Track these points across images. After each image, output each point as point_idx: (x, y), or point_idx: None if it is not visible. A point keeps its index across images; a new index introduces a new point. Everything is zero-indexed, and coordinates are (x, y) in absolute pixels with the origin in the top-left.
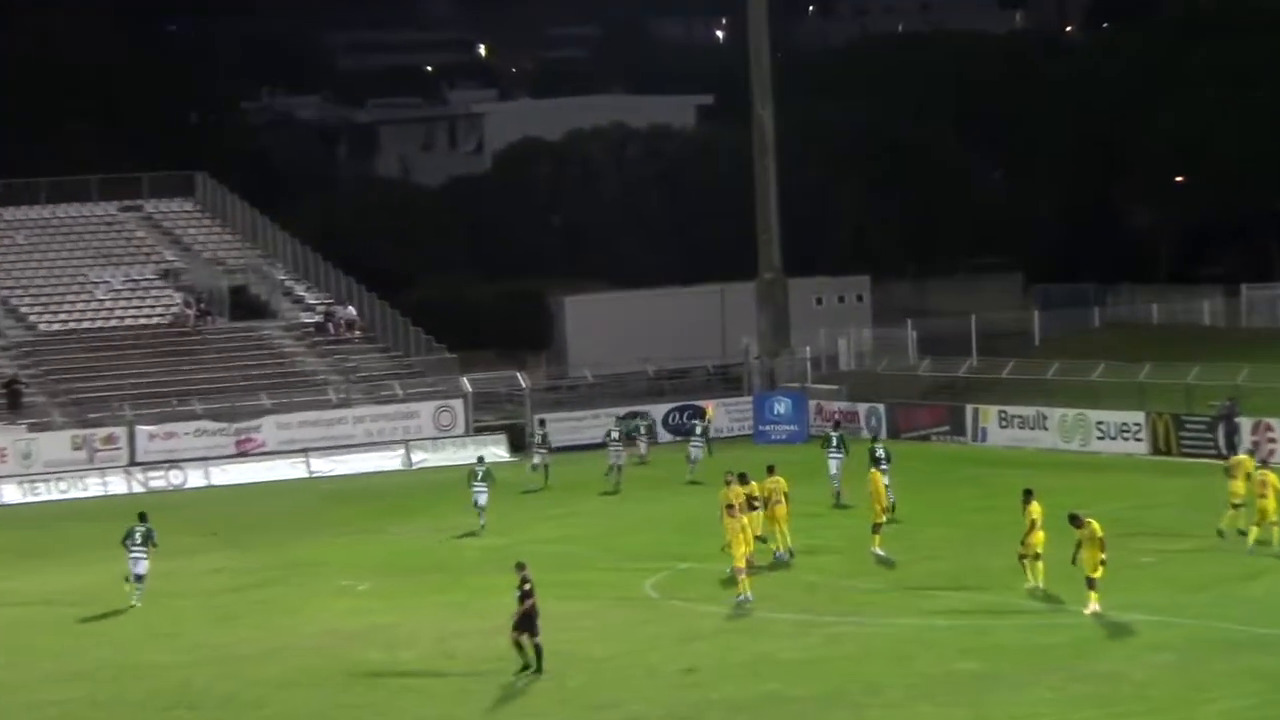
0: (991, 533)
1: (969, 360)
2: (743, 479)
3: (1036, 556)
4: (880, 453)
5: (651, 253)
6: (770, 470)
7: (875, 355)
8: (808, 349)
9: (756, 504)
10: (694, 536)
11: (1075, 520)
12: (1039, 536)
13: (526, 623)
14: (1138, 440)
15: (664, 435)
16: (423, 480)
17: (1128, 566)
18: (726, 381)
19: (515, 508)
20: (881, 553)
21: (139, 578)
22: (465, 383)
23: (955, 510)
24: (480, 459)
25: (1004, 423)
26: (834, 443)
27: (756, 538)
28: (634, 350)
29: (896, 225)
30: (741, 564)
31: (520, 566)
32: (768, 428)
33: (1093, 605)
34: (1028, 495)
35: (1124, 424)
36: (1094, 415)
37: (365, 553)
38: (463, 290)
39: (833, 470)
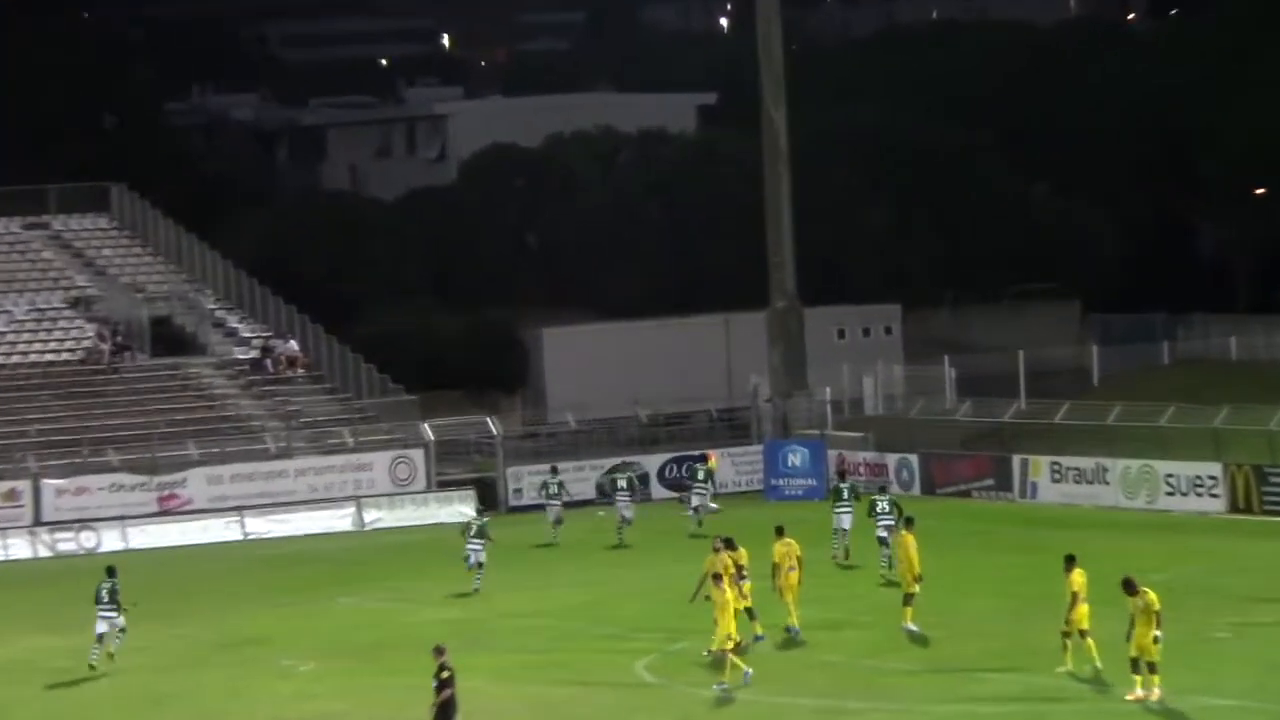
0: (1042, 604)
1: (1016, 403)
2: (730, 544)
3: (1082, 634)
4: (882, 506)
5: (644, 277)
6: (780, 532)
7: (907, 397)
8: (828, 390)
9: (745, 574)
10: (693, 608)
11: (1129, 587)
12: (1083, 610)
13: (443, 716)
14: (1213, 496)
15: (659, 491)
16: (377, 543)
17: (1200, 641)
18: (733, 428)
19: (488, 572)
20: (914, 628)
21: (106, 636)
22: (427, 429)
23: (1001, 579)
24: (479, 510)
25: (1057, 476)
26: (845, 495)
27: (746, 609)
28: (624, 391)
29: (931, 246)
30: (729, 645)
31: (439, 651)
32: (780, 481)
33: (1140, 691)
34: (1069, 562)
35: (1197, 477)
36: (1162, 467)
37: (310, 627)
38: (424, 321)
39: (845, 525)
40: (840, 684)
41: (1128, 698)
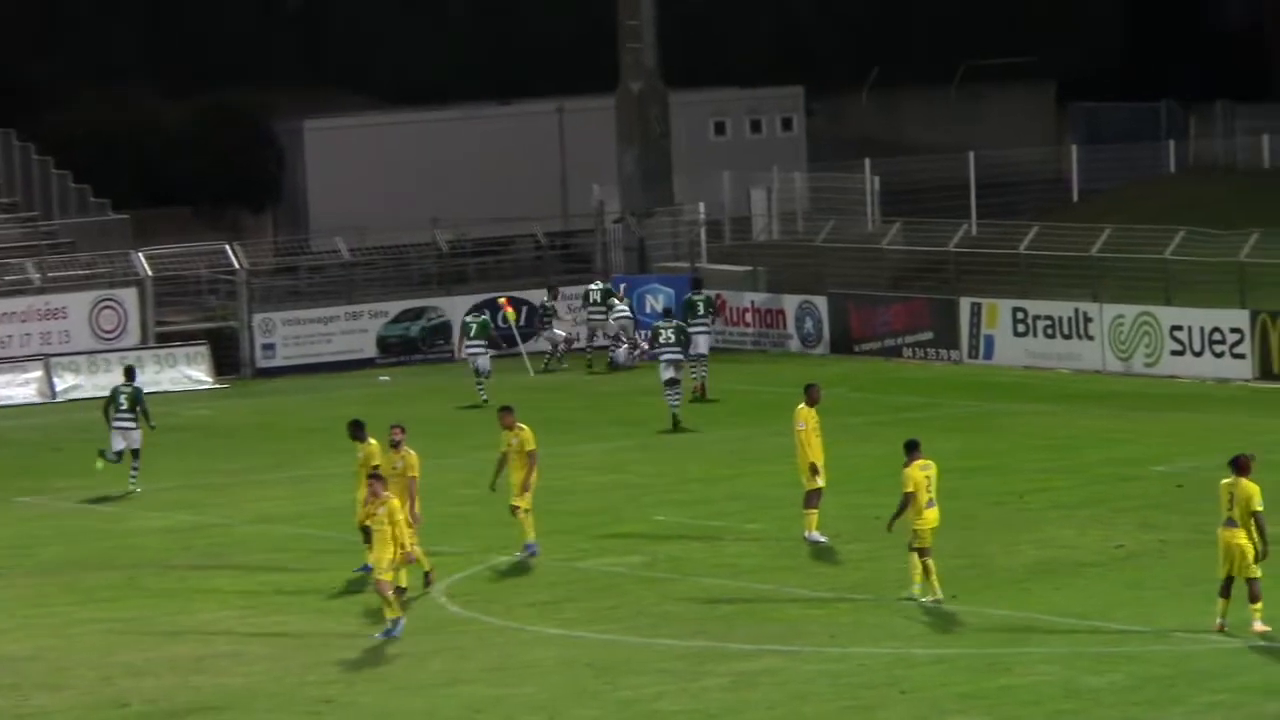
0: (1000, 507)
1: (965, 226)
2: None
3: (920, 551)
4: (667, 335)
5: (441, 48)
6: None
7: (813, 217)
8: (701, 207)
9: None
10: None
11: (1241, 466)
12: (930, 516)
13: None
14: (1237, 357)
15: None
16: (72, 420)
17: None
18: (568, 259)
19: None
20: (820, 537)
21: (129, 453)
22: (142, 261)
23: (941, 470)
24: (478, 308)
25: (1021, 328)
26: (701, 310)
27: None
28: (417, 209)
29: (847, 7)
30: (388, 575)
31: None
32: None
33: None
34: (911, 450)
35: (1215, 330)
36: (1167, 316)
37: None
38: (138, 112)
39: (702, 348)
40: (720, 618)
41: (1214, 628)
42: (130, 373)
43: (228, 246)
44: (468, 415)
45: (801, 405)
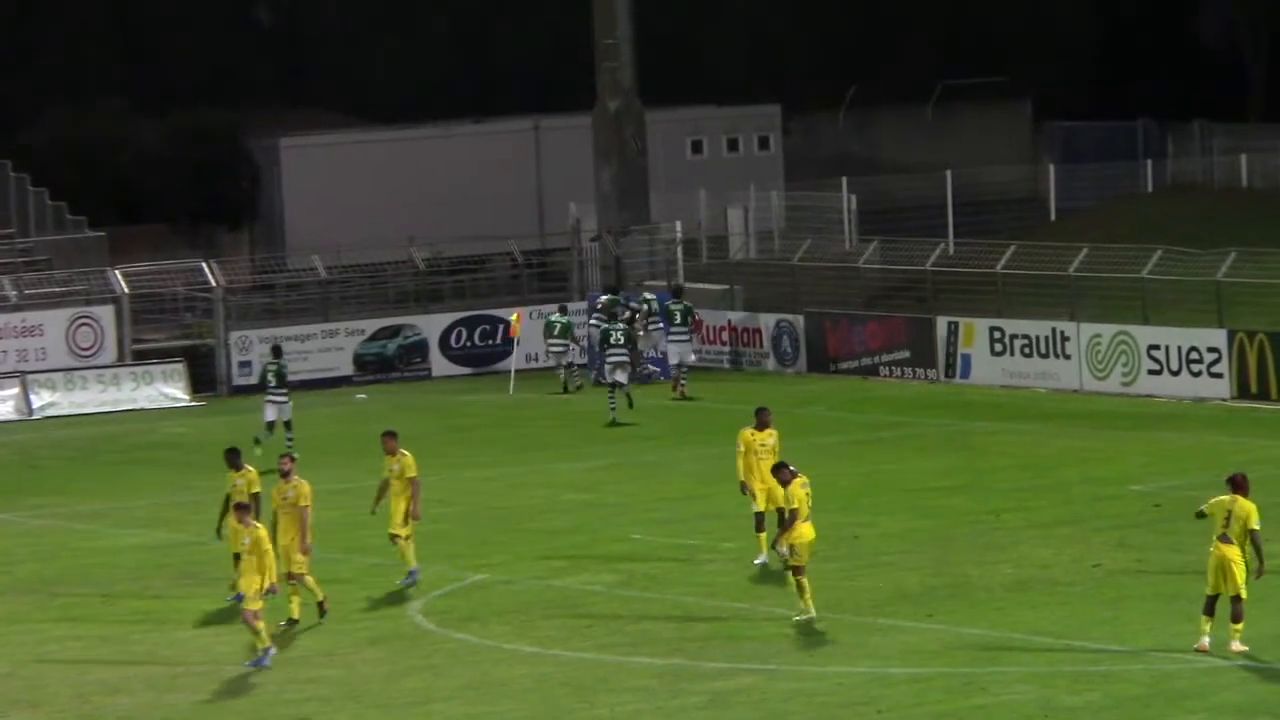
0: (976, 526)
1: (942, 245)
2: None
3: (794, 569)
4: (616, 337)
5: (418, 66)
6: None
7: (789, 236)
8: (678, 225)
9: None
10: (499, 529)
11: (1239, 484)
12: (806, 530)
13: None
14: (1215, 376)
15: (443, 365)
16: (49, 437)
17: (1200, 580)
18: (544, 278)
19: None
20: (761, 558)
21: (282, 425)
22: (119, 278)
23: (918, 490)
24: (562, 307)
25: (998, 347)
26: (679, 319)
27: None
28: (393, 227)
29: (825, 23)
30: (255, 604)
31: None
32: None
33: (1206, 640)
34: (782, 473)
35: (1193, 350)
36: (1144, 336)
37: None
38: (112, 127)
39: (674, 359)
40: (696, 636)
41: (1195, 648)
42: (277, 350)
43: (204, 264)
44: (444, 434)
45: (746, 429)
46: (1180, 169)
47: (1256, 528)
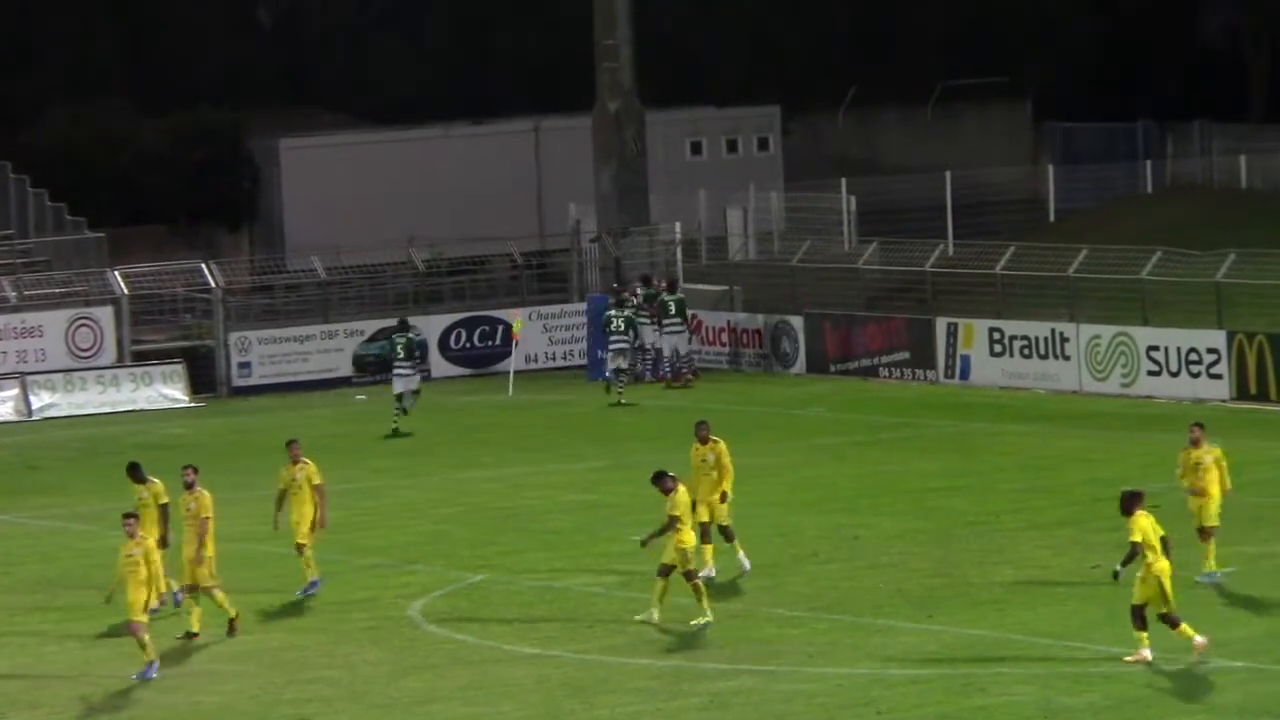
0: (976, 527)
1: (942, 246)
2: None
3: (665, 571)
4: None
5: (418, 67)
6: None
7: (789, 237)
8: (678, 226)
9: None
10: (500, 527)
11: (1132, 502)
12: (687, 537)
13: None
14: (1214, 377)
15: (443, 366)
16: (48, 438)
17: (1197, 581)
18: (544, 279)
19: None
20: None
21: (409, 395)
22: (118, 279)
23: (918, 491)
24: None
25: (998, 348)
26: (673, 310)
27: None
28: (393, 228)
29: (823, 23)
30: (142, 617)
31: None
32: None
33: (1146, 651)
34: (663, 481)
35: (1192, 351)
36: (1144, 337)
37: None
38: (112, 128)
39: (667, 350)
40: (696, 637)
41: (1127, 660)
42: (404, 324)
43: (204, 265)
44: (444, 435)
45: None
46: (1180, 170)
47: (1137, 539)
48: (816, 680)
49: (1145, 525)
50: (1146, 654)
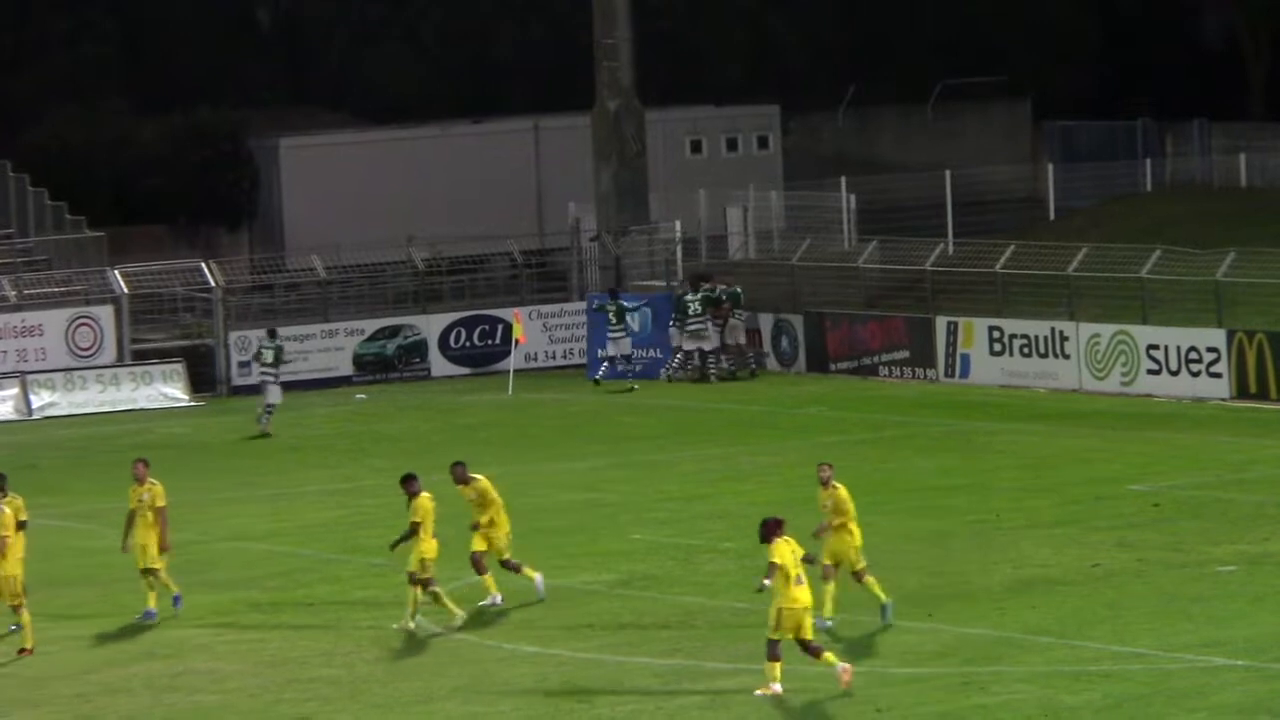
0: (976, 526)
1: (941, 245)
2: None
3: (426, 585)
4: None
5: (417, 66)
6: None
7: (789, 236)
8: (677, 225)
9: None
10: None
11: (771, 530)
12: (427, 547)
13: None
14: (1214, 376)
15: (442, 365)
16: (48, 437)
17: (1195, 579)
18: (544, 277)
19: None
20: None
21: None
22: (118, 278)
23: (918, 490)
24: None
25: (998, 347)
26: (693, 310)
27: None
28: (392, 227)
29: (823, 23)
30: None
31: None
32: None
33: (777, 686)
34: (411, 484)
35: (1192, 350)
36: (1143, 335)
37: None
38: (112, 127)
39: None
40: (696, 636)
41: (757, 693)
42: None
43: (203, 264)
44: (444, 435)
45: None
46: (1179, 169)
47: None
48: (816, 679)
49: (784, 551)
50: (777, 688)
